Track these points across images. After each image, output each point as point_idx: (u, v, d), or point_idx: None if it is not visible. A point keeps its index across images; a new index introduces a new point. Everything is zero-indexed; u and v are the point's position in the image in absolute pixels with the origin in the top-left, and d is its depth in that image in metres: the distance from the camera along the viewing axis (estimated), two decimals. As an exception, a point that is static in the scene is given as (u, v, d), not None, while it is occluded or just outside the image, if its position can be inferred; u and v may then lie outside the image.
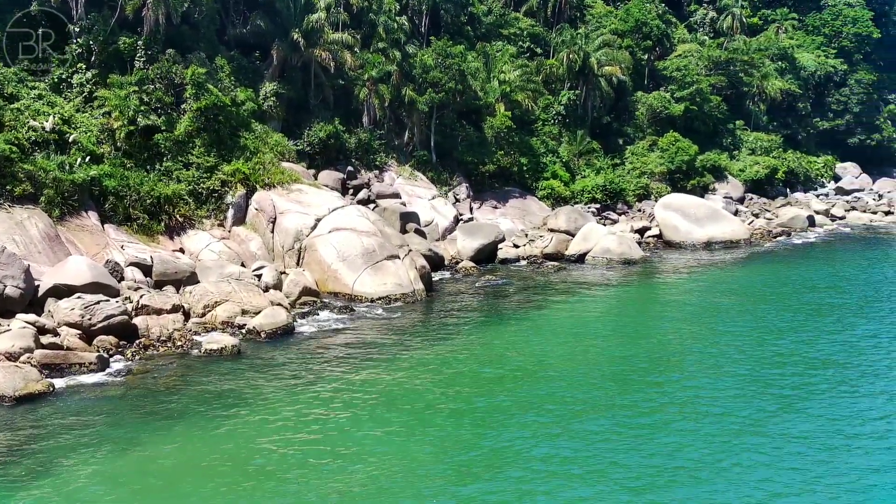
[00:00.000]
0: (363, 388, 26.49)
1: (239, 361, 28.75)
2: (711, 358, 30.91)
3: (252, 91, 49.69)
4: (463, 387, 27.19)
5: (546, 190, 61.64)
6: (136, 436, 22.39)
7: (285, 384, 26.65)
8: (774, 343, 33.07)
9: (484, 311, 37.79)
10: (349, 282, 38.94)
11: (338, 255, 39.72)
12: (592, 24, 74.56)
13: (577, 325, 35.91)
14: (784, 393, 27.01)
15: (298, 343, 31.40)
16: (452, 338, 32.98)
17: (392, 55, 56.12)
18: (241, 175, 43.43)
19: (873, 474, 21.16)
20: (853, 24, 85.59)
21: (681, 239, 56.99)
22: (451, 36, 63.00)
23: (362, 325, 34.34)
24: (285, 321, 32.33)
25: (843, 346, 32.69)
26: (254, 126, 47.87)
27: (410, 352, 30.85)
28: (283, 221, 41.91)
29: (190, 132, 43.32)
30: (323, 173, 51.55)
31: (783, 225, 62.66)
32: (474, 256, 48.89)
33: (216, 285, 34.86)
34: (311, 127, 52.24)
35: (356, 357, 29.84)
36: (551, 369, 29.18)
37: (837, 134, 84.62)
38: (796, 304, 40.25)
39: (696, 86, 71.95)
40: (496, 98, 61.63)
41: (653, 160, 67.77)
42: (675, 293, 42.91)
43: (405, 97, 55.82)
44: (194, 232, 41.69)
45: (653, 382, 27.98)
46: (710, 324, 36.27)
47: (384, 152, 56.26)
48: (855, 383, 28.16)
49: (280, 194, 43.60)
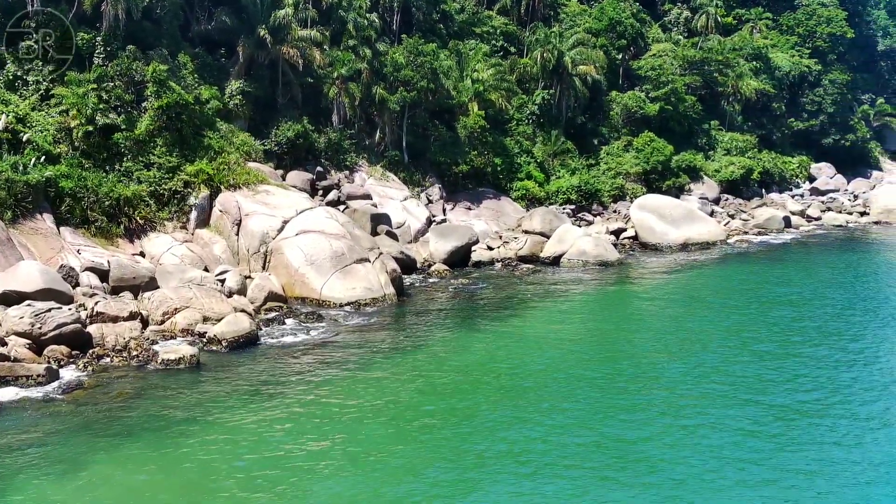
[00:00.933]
0: (329, 402, 25.12)
1: (198, 373, 27.26)
2: (690, 363, 29.84)
3: (217, 89, 48.05)
4: (437, 400, 25.90)
5: (520, 191, 60.52)
6: (83, 457, 20.82)
7: (246, 398, 25.18)
8: (756, 349, 32.14)
9: (457, 317, 36.52)
10: (317, 286, 37.53)
11: (305, 259, 38.31)
12: (566, 23, 73.44)
13: (553, 330, 34.78)
14: (772, 402, 26.02)
15: (262, 352, 29.95)
16: (424, 346, 31.68)
17: (362, 53, 54.73)
18: (205, 175, 41.89)
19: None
20: (827, 23, 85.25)
21: (657, 240, 56.11)
22: (423, 34, 61.65)
23: (330, 332, 32.94)
24: (248, 329, 30.83)
25: (824, 347, 31.83)
26: (219, 125, 46.31)
27: (380, 361, 29.51)
28: (249, 224, 40.41)
29: (151, 131, 41.75)
30: (291, 174, 50.10)
31: (759, 226, 61.96)
32: (447, 259, 47.62)
33: (176, 291, 33.32)
34: (279, 126, 50.76)
35: (322, 368, 28.46)
36: (528, 379, 27.96)
37: (812, 134, 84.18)
38: (775, 309, 39.30)
39: (671, 85, 71.07)
40: (469, 97, 60.36)
41: (628, 160, 66.84)
42: (652, 296, 41.91)
43: (376, 96, 54.45)
44: (155, 235, 40.10)
45: (633, 391, 26.85)
46: (687, 328, 35.29)
47: (355, 152, 54.85)
48: (827, 382, 27.33)
49: (245, 195, 42.09)
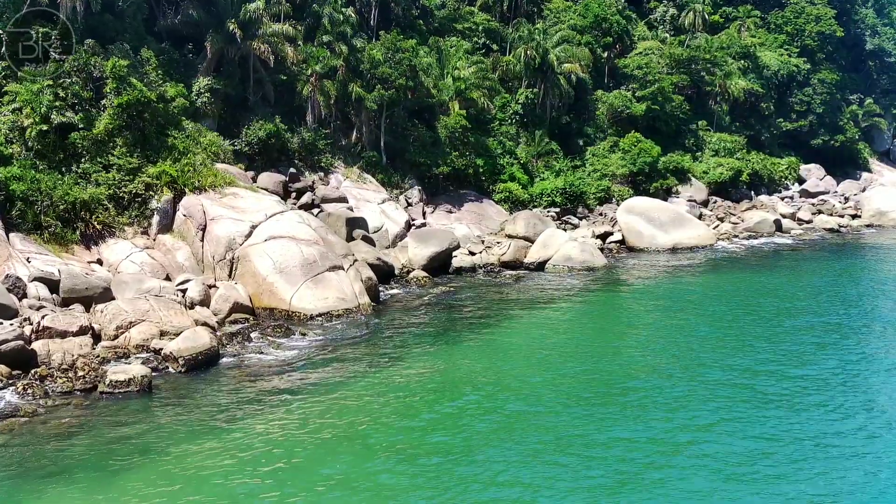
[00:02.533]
0: (295, 430, 22.70)
1: (149, 398, 24.72)
2: (682, 379, 27.58)
3: (183, 86, 45.53)
4: (414, 423, 23.58)
5: (503, 193, 58.29)
6: (11, 499, 18.34)
7: (200, 428, 22.62)
8: (748, 359, 29.88)
9: (436, 329, 34.10)
10: (286, 296, 35.06)
11: (274, 267, 35.82)
12: (550, 20, 71.27)
13: (538, 343, 32.45)
14: (766, 415, 23.85)
15: (222, 372, 27.45)
16: (400, 362, 29.27)
17: (338, 49, 52.29)
18: (168, 178, 39.29)
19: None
20: (816, 22, 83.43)
21: (645, 245, 54.01)
22: (403, 30, 59.30)
23: (298, 348, 30.46)
24: (208, 345, 28.29)
25: (824, 362, 29.71)
26: (184, 124, 43.77)
27: (352, 380, 27.10)
28: (214, 229, 37.89)
29: (111, 131, 39.13)
30: (262, 176, 47.65)
31: (750, 230, 59.93)
32: (427, 265, 45.26)
33: (132, 303, 30.76)
34: (250, 125, 48.30)
35: (288, 390, 25.99)
36: (513, 398, 25.66)
37: (800, 135, 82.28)
38: (769, 318, 37.04)
39: (659, 84, 69.03)
40: (450, 96, 58.09)
41: (614, 162, 64.71)
42: (641, 306, 39.68)
43: (352, 94, 52.02)
44: (114, 241, 37.48)
45: (623, 407, 24.60)
46: (680, 341, 32.97)
47: (330, 153, 52.41)
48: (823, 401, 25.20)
49: (211, 199, 39.56)
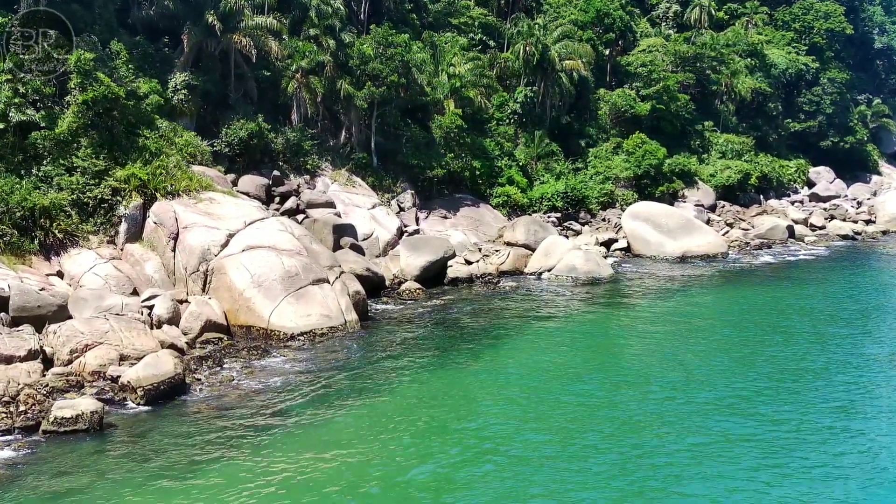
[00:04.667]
0: (270, 478, 19.37)
1: (101, 437, 21.37)
2: (701, 420, 24.43)
3: (157, 82, 42.23)
4: (402, 469, 20.31)
5: (501, 197, 55.12)
6: None
7: (160, 475, 19.22)
8: (767, 399, 26.54)
9: (430, 351, 30.79)
10: (265, 313, 31.74)
11: (252, 280, 32.50)
12: (550, 14, 68.15)
13: (541, 369, 28.97)
14: (774, 463, 20.68)
15: (189, 403, 24.14)
16: (390, 391, 26.00)
17: (325, 43, 49.07)
18: (138, 181, 35.91)
19: None
20: (825, 18, 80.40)
21: (652, 252, 50.91)
22: (395, 24, 56.02)
23: (276, 372, 27.19)
24: (171, 372, 24.94)
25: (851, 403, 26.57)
26: (158, 123, 40.42)
27: (333, 413, 23.78)
28: (187, 238, 34.51)
29: (75, 130, 35.73)
30: (244, 179, 44.42)
31: (762, 236, 56.75)
32: (420, 275, 42.07)
33: (89, 323, 27.44)
34: (231, 124, 44.99)
35: (263, 425, 22.67)
36: (513, 439, 22.38)
37: (809, 136, 79.24)
38: (792, 347, 33.22)
39: (664, 83, 65.90)
40: (445, 94, 54.90)
41: (618, 164, 61.54)
42: (653, 326, 35.78)
43: (341, 91, 48.79)
44: (77, 251, 34.09)
45: (634, 455, 21.38)
46: (696, 371, 29.51)
47: (317, 154, 49.13)
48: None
49: (185, 204, 36.20)
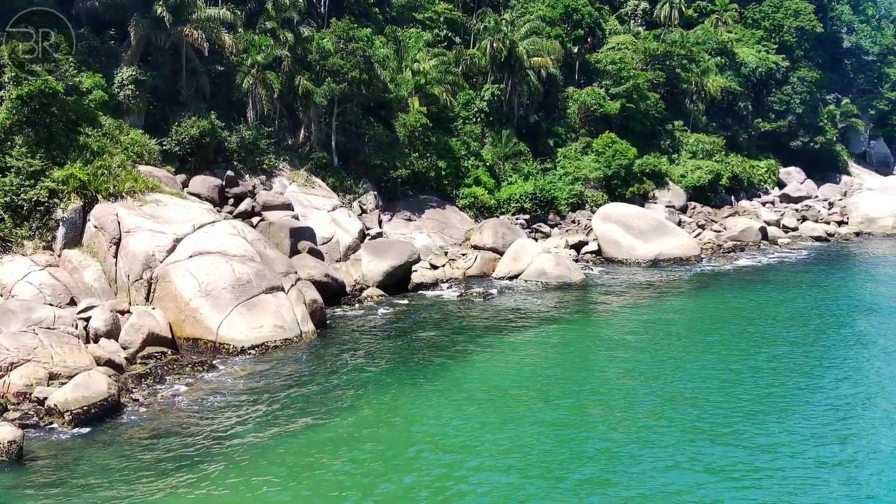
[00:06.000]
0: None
1: (19, 470, 19.04)
2: (679, 448, 22.61)
3: (102, 77, 39.75)
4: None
5: (468, 198, 53.15)
6: None
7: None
8: (745, 415, 24.91)
9: (391, 363, 28.65)
10: (213, 324, 29.44)
11: (199, 289, 30.19)
12: (518, 10, 66.28)
13: (509, 383, 26.87)
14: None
15: (123, 428, 21.84)
16: (346, 410, 23.84)
17: (283, 37, 46.79)
18: (77, 182, 33.42)
19: None
20: (795, 16, 79.39)
21: (623, 256, 49.18)
22: (356, 18, 53.77)
23: (222, 390, 24.96)
24: (104, 393, 22.65)
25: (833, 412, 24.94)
26: (102, 120, 37.96)
27: (280, 438, 21.60)
28: (130, 243, 32.08)
29: (8, 127, 33.24)
30: (195, 179, 42.08)
31: (735, 238, 55.23)
32: (383, 281, 40.03)
33: (16, 338, 24.98)
34: (181, 122, 42.56)
35: (204, 453, 20.44)
36: (476, 470, 20.27)
37: (779, 136, 78.13)
38: (770, 353, 31.52)
39: (633, 81, 64.28)
40: (409, 91, 52.79)
41: (587, 164, 59.80)
42: (626, 335, 33.49)
43: (299, 88, 46.58)
44: (9, 258, 31.61)
45: (602, 481, 19.52)
46: (671, 383, 27.77)
47: (274, 154, 46.84)
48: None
49: (129, 207, 33.77)
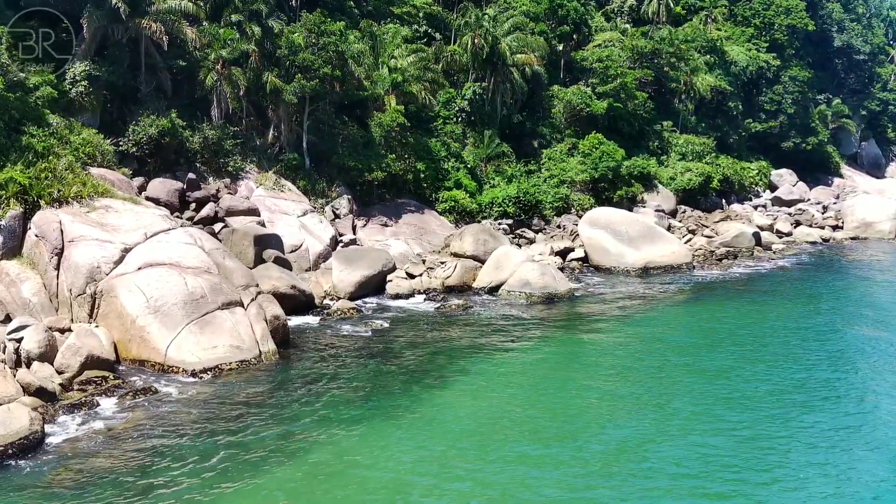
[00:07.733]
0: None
1: None
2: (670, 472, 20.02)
3: (52, 73, 36.89)
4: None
5: (448, 202, 50.50)
6: None
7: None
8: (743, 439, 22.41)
9: (356, 392, 25.53)
10: (161, 345, 26.61)
11: (147, 305, 27.35)
12: (501, 5, 63.73)
13: (487, 417, 23.78)
14: None
15: (42, 470, 18.96)
16: (306, 448, 20.93)
17: (250, 31, 44.09)
18: (17, 186, 30.56)
19: None
20: (786, 14, 77.21)
21: (612, 263, 46.62)
22: (330, 12, 50.99)
23: (163, 422, 22.11)
24: (25, 430, 19.78)
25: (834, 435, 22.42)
26: (50, 119, 35.12)
27: (221, 481, 18.74)
28: (73, 253, 29.20)
29: (-58, 126, 30.50)
30: (153, 183, 39.29)
31: (727, 244, 52.69)
32: (355, 292, 37.47)
33: (-70, 364, 22.19)
34: (139, 121, 39.70)
35: (131, 498, 17.66)
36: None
37: (770, 137, 75.89)
38: (769, 374, 29.05)
39: (621, 79, 61.82)
40: (386, 89, 50.10)
41: (573, 166, 57.32)
42: (617, 356, 30.44)
43: (268, 85, 43.87)
44: (-61, 270, 28.78)
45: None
46: (668, 406, 25.32)
47: (240, 155, 44.10)
48: None
49: (74, 213, 30.91)
